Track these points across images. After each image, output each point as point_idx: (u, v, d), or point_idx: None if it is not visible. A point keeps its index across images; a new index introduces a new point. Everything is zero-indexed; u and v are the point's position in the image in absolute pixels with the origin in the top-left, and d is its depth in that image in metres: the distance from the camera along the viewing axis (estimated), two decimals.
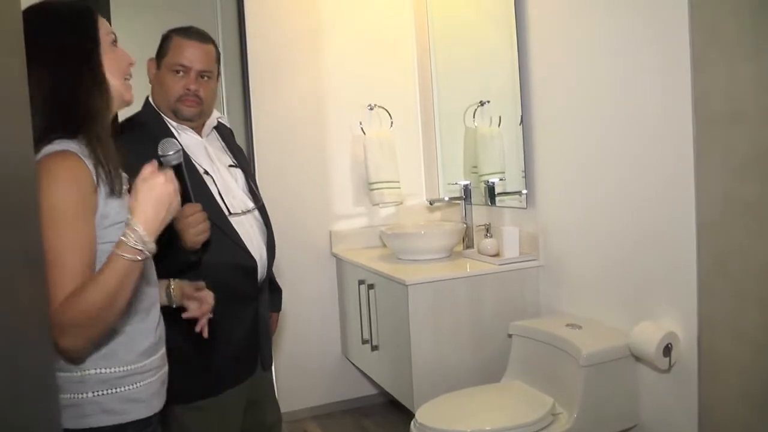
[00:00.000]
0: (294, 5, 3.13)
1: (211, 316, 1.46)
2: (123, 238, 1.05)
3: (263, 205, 1.87)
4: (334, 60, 3.19)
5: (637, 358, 2.03)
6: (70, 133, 1.13)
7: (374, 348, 2.73)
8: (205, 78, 1.75)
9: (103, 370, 1.12)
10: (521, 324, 2.33)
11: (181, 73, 1.72)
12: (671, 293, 1.95)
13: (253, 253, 1.75)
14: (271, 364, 1.94)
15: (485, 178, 2.85)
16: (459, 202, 2.94)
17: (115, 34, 1.24)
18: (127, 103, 1.27)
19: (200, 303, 1.46)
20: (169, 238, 1.43)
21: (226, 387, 1.73)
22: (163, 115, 1.75)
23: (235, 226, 1.73)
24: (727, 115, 1.72)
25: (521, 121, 2.57)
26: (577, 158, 2.30)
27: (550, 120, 2.44)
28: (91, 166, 1.12)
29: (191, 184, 1.51)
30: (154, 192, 1.09)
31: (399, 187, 3.21)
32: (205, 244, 1.57)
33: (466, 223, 2.87)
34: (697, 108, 1.80)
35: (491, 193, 2.81)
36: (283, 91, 3.09)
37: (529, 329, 2.28)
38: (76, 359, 1.10)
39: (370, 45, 3.27)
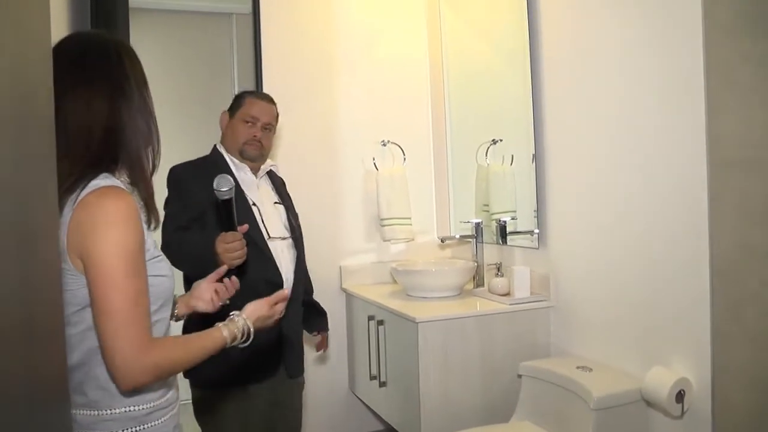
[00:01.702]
0: (309, 41, 3.20)
1: (227, 302, 1.52)
2: (235, 319, 1.30)
3: (298, 236, 2.30)
4: (348, 95, 3.24)
5: (649, 404, 2.00)
6: (111, 165, 1.16)
7: (382, 384, 2.70)
8: (267, 129, 2.26)
9: (131, 408, 1.17)
10: (531, 364, 2.31)
11: (250, 124, 2.22)
12: (684, 339, 1.94)
13: (282, 272, 2.17)
14: (300, 374, 2.32)
15: (497, 216, 2.86)
16: (470, 240, 2.94)
17: None
18: (159, 143, 1.32)
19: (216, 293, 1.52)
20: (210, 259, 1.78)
21: (249, 382, 2.12)
22: (226, 156, 2.22)
23: (271, 249, 2.15)
24: (743, 162, 1.72)
25: (533, 160, 2.59)
26: (590, 199, 2.31)
27: (563, 160, 2.46)
28: (138, 201, 1.16)
29: (239, 210, 1.86)
30: (267, 321, 1.38)
31: (410, 224, 3.23)
32: (241, 267, 1.87)
33: (476, 262, 2.87)
34: (711, 153, 1.81)
35: (502, 232, 2.82)
36: (297, 125, 3.13)
37: (538, 370, 2.26)
38: (130, 393, 1.16)
39: (385, 81, 3.33)
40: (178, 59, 3.97)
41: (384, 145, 3.30)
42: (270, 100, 2.29)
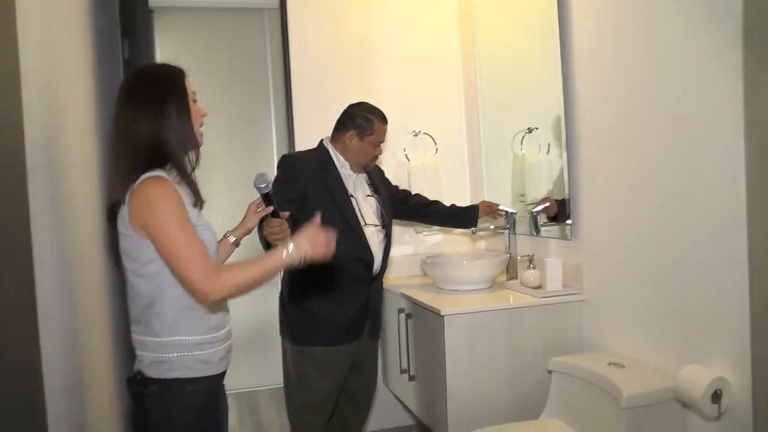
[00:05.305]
0: (339, 32, 3.17)
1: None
2: (289, 249, 1.55)
3: (388, 224, 2.59)
4: (379, 86, 3.20)
5: (684, 404, 1.90)
6: (162, 165, 1.56)
7: (411, 378, 2.66)
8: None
9: (183, 338, 1.56)
10: (561, 360, 2.23)
11: (377, 147, 2.55)
12: (722, 335, 1.82)
13: (373, 252, 2.48)
14: (379, 336, 2.70)
15: (532, 206, 2.77)
16: (503, 231, 2.86)
17: (194, 93, 1.64)
18: (197, 146, 1.65)
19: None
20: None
21: (340, 342, 2.46)
22: (332, 153, 2.55)
23: (366, 233, 2.48)
24: None
25: (565, 148, 2.49)
26: (623, 190, 2.20)
27: (595, 149, 2.35)
28: (177, 186, 1.54)
29: (341, 201, 2.44)
30: (319, 249, 1.60)
31: None
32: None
33: (509, 254, 2.79)
34: (749, 138, 1.69)
35: (536, 222, 2.73)
36: (328, 115, 3.09)
37: (569, 366, 2.18)
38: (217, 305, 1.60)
39: (416, 71, 3.27)
40: (211, 55, 4.01)
41: (415, 135, 3.25)
42: (387, 120, 2.59)
